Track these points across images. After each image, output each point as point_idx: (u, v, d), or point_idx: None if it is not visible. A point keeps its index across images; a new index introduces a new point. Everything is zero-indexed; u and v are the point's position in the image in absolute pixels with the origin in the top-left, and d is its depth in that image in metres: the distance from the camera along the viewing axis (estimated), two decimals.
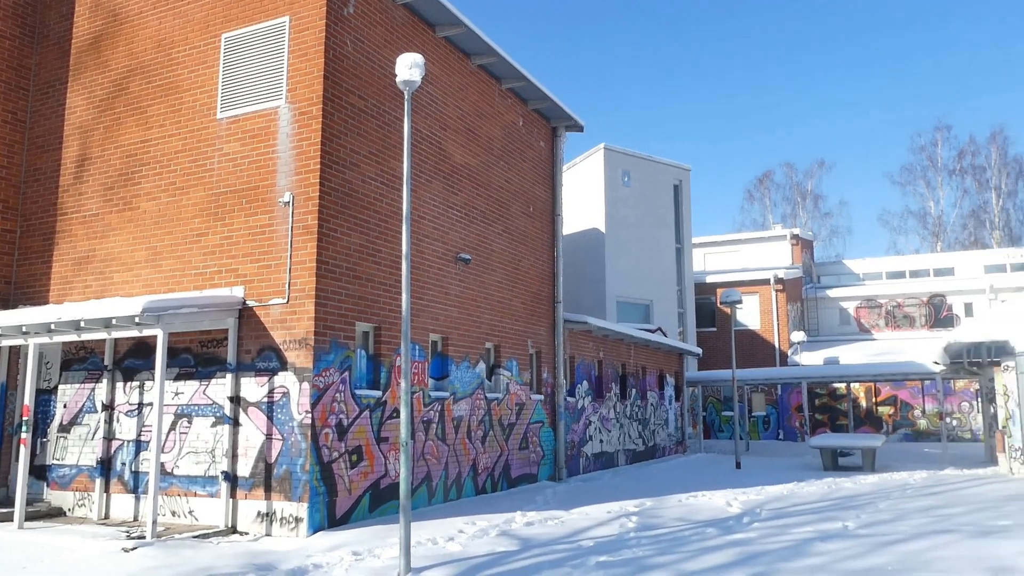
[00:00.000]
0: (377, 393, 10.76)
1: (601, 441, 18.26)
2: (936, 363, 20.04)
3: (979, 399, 23.88)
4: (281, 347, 9.83)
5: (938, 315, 32.98)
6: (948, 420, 28.42)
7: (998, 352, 17.09)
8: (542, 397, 15.58)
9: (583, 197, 25.61)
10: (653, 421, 21.68)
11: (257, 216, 10.30)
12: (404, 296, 8.09)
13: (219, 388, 10.16)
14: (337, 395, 9.97)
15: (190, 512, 10.07)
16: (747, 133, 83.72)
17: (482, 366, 13.54)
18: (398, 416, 10.96)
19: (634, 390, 20.49)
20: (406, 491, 7.62)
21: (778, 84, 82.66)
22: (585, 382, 17.77)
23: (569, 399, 16.74)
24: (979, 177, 51.78)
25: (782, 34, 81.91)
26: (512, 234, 14.95)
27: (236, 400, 10.02)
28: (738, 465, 18.39)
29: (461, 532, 9.45)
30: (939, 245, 51.20)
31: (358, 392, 10.40)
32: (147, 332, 9.51)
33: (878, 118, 78.30)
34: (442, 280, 12.52)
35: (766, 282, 31.33)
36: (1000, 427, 17.27)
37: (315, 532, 9.32)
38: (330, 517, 9.66)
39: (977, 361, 19.19)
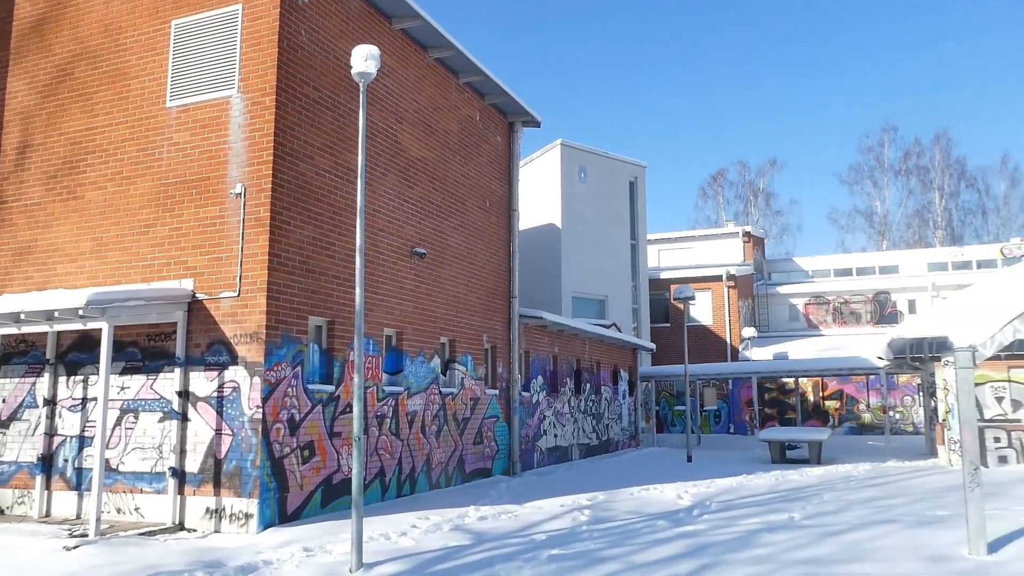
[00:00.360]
0: (330, 388, 10.66)
1: (555, 435, 18.37)
2: (880, 358, 20.61)
3: (921, 393, 24.64)
4: (232, 341, 9.67)
5: (883, 312, 33.88)
6: (891, 414, 29.25)
7: (939, 348, 17.64)
8: (497, 392, 15.61)
9: (540, 192, 25.67)
10: (607, 416, 21.89)
11: (207, 207, 10.11)
12: (358, 290, 8.02)
13: (167, 382, 9.96)
14: (289, 390, 9.85)
15: (136, 509, 9.86)
16: (701, 131, 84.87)
17: (437, 361, 13.50)
18: (351, 411, 10.88)
19: (588, 385, 20.65)
20: (358, 486, 7.57)
21: (732, 83, 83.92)
22: (540, 377, 17.85)
23: (524, 394, 16.80)
24: (923, 178, 53.38)
25: (736, 34, 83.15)
26: (468, 229, 14.93)
27: (185, 395, 9.83)
28: (689, 459, 18.68)
29: (414, 527, 9.42)
30: (885, 243, 52.62)
31: (311, 387, 10.29)
32: (91, 325, 9.27)
33: (828, 118, 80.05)
34: (397, 274, 12.45)
35: (719, 279, 31.82)
36: (940, 420, 17.84)
37: (266, 528, 9.20)
38: (281, 513, 9.55)
39: (919, 356, 19.79)
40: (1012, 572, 6.56)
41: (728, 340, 31.55)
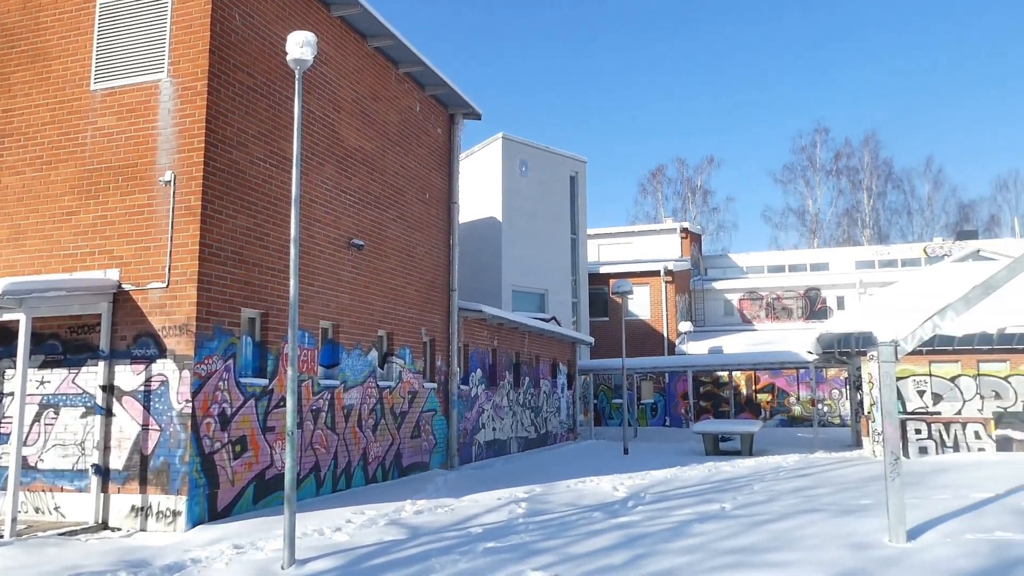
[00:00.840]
0: (263, 381, 10.43)
1: (494, 429, 18.39)
2: (810, 353, 21.22)
3: (848, 387, 25.48)
4: (160, 333, 9.37)
5: (813, 307, 34.91)
6: (820, 406, 30.20)
7: (864, 343, 18.27)
8: (435, 385, 15.53)
9: (480, 186, 25.63)
10: (545, 409, 22.01)
11: (135, 195, 9.76)
12: (292, 282, 7.85)
13: (90, 376, 9.59)
14: (220, 383, 9.60)
15: (56, 508, 9.49)
16: (641, 128, 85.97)
17: (374, 354, 13.35)
18: (285, 405, 10.66)
19: (527, 378, 20.72)
20: (291, 481, 7.43)
21: (671, 81, 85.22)
22: (479, 370, 17.83)
23: (462, 387, 16.75)
24: (853, 178, 55.17)
25: (676, 33, 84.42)
26: (407, 221, 14.79)
27: (109, 389, 9.49)
28: (626, 451, 18.93)
29: (349, 522, 9.31)
30: (816, 241, 54.21)
31: (243, 380, 10.05)
32: (8, 316, 8.87)
33: (764, 119, 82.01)
34: (334, 266, 12.25)
35: (656, 273, 32.29)
36: (865, 413, 18.49)
37: (194, 526, 8.96)
38: (211, 510, 9.31)
39: (846, 351, 20.46)
40: (929, 558, 6.83)
41: (665, 334, 32.07)
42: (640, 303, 32.21)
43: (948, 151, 76.11)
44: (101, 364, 9.52)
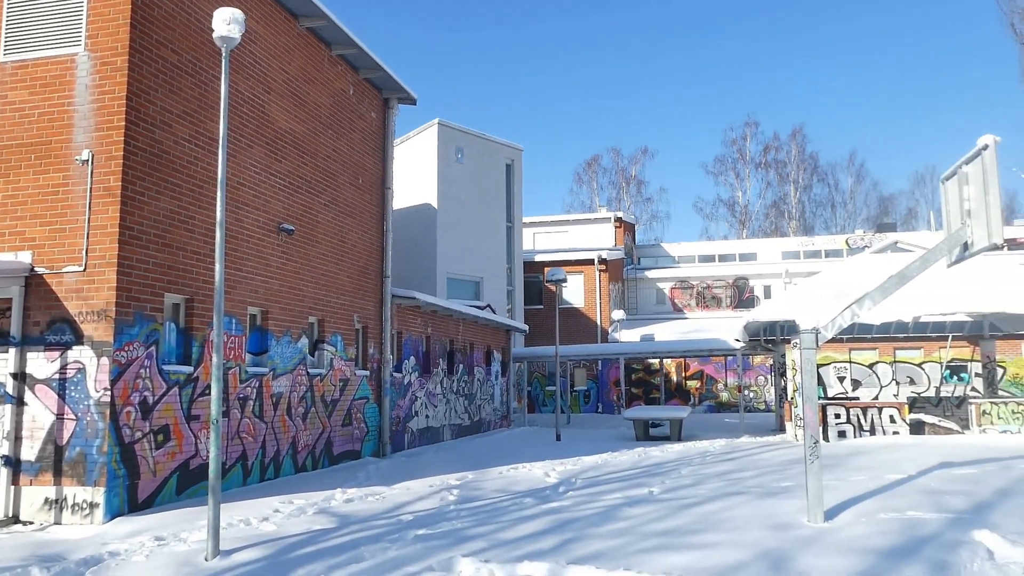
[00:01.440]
0: (188, 369, 10.13)
1: (427, 416, 18.32)
2: (737, 340, 21.82)
3: (773, 373, 26.29)
4: (76, 319, 8.99)
5: (741, 296, 35.87)
6: (746, 392, 31.09)
7: (788, 331, 18.86)
8: (368, 373, 15.36)
9: (415, 172, 25.39)
10: (479, 396, 22.04)
11: (49, 174, 9.31)
12: (218, 266, 7.62)
13: (0, 364, 9.14)
14: (142, 371, 9.28)
15: None
16: (577, 118, 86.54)
17: (305, 341, 13.12)
18: (211, 393, 10.38)
19: (461, 366, 20.70)
20: (215, 470, 7.24)
21: (608, 72, 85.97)
22: (412, 357, 17.72)
23: (395, 375, 16.62)
24: (780, 171, 56.80)
25: (614, 24, 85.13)
26: (339, 206, 14.54)
27: (21, 377, 9.06)
28: (558, 437, 19.11)
29: (277, 511, 9.14)
30: (745, 232, 55.66)
31: (166, 368, 9.73)
32: None
33: (697, 110, 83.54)
34: (263, 251, 11.96)
35: (591, 262, 32.63)
36: (789, 398, 19.10)
37: (113, 518, 8.65)
38: (131, 501, 9.01)
39: (772, 339, 21.09)
40: (844, 537, 7.10)
41: (599, 322, 32.46)
42: (574, 291, 32.51)
43: (870, 146, 79.05)
44: (12, 351, 9.07)
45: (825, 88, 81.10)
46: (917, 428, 16.91)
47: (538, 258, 32.63)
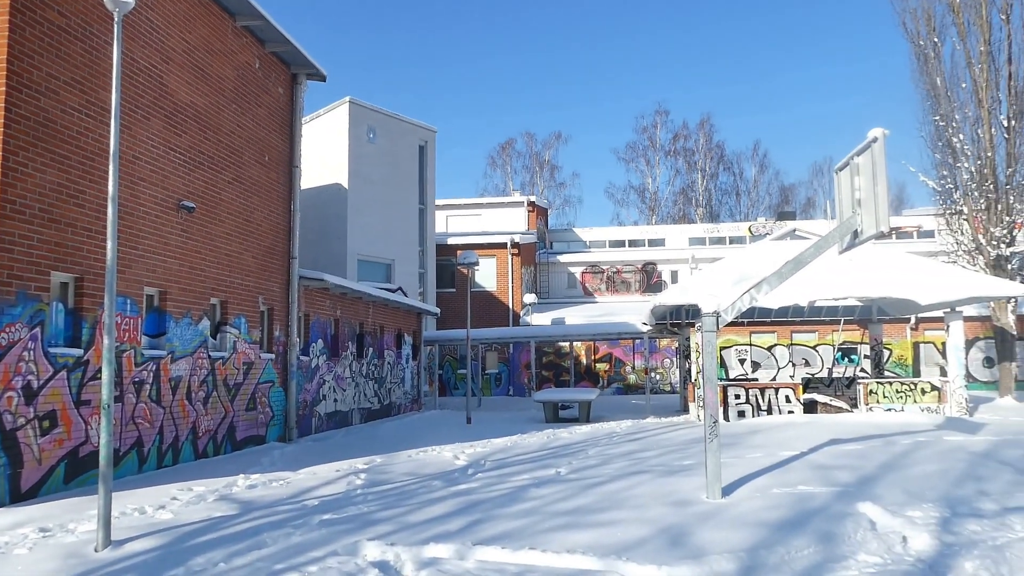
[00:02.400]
0: (77, 352, 9.60)
1: (335, 400, 18.03)
2: (644, 324, 22.35)
3: (678, 356, 27.07)
4: None
5: (650, 281, 36.72)
6: (652, 375, 31.94)
7: (693, 314, 19.43)
8: (273, 356, 14.97)
9: (325, 151, 24.80)
10: (389, 380, 21.84)
11: None
12: (110, 244, 7.22)
13: None
14: (25, 354, 8.74)
15: None
16: (492, 102, 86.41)
17: (206, 323, 12.65)
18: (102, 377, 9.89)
19: (371, 349, 20.44)
20: (107, 457, 6.90)
21: (523, 56, 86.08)
22: (320, 340, 17.37)
23: (303, 358, 16.27)
24: (689, 159, 58.31)
25: (529, 9, 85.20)
26: (244, 184, 14.05)
27: None
28: (469, 420, 19.15)
29: (175, 499, 8.81)
30: (654, 218, 56.95)
31: (53, 350, 9.20)
32: None
33: (610, 97, 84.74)
34: (161, 229, 11.44)
35: (503, 246, 32.73)
36: (692, 380, 19.71)
37: None
38: (13, 492, 8.50)
39: (677, 322, 21.71)
40: (740, 512, 7.38)
41: (510, 306, 32.64)
42: (487, 275, 32.56)
43: (773, 136, 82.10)
44: None
45: (732, 79, 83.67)
46: (810, 407, 17.74)
47: (451, 241, 32.48)
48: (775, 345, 30.56)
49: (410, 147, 27.54)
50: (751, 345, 30.69)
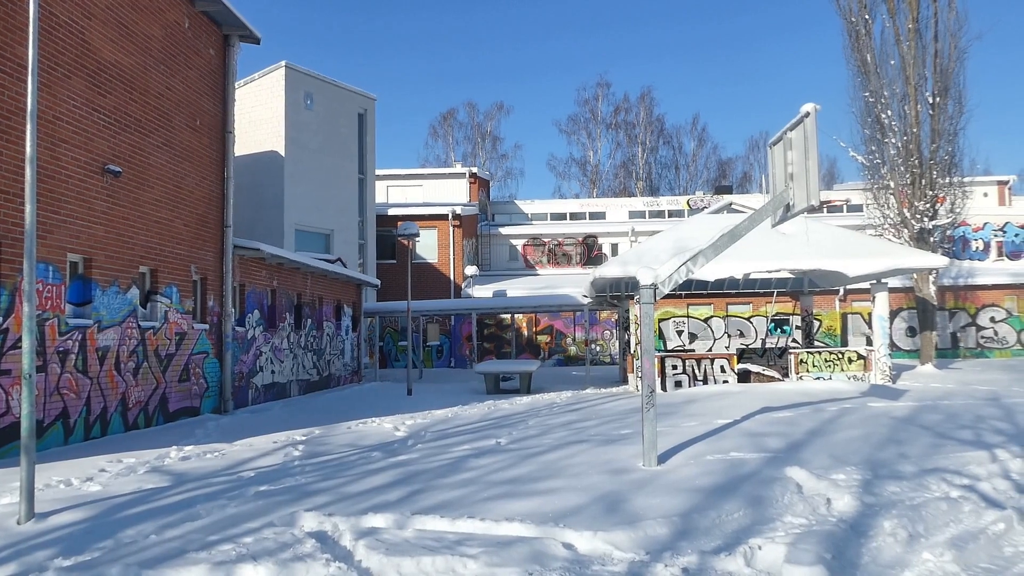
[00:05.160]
0: None
1: (273, 372, 17.74)
2: (585, 296, 22.55)
3: (617, 327, 27.48)
4: None
5: (591, 254, 37.00)
6: (593, 346, 32.33)
7: (632, 287, 19.67)
8: (207, 326, 14.61)
9: (261, 117, 24.12)
10: (329, 351, 21.58)
11: None
12: (28, 207, 6.88)
13: None
14: None
15: None
16: (433, 71, 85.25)
17: (135, 292, 12.25)
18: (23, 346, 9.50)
19: (310, 320, 20.13)
20: (29, 428, 6.63)
21: (464, 24, 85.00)
22: (257, 311, 17.02)
23: (238, 329, 15.92)
24: (630, 132, 58.70)
25: None
26: (174, 148, 13.56)
27: None
28: (410, 392, 19.09)
29: (103, 471, 8.57)
30: (595, 191, 57.30)
31: None
32: None
33: (551, 68, 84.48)
34: (85, 193, 10.97)
35: (445, 217, 32.52)
36: (631, 351, 20.02)
37: None
38: None
39: (617, 295, 21.97)
40: (674, 479, 7.55)
41: (452, 277, 32.53)
42: (428, 246, 32.34)
43: (711, 110, 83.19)
44: None
45: (672, 52, 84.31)
46: (744, 377, 18.24)
47: (392, 212, 32.11)
48: (712, 317, 31.24)
49: (349, 115, 26.99)
50: (688, 317, 31.30)
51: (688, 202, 40.93)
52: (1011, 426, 10.34)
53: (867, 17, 22.70)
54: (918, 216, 22.08)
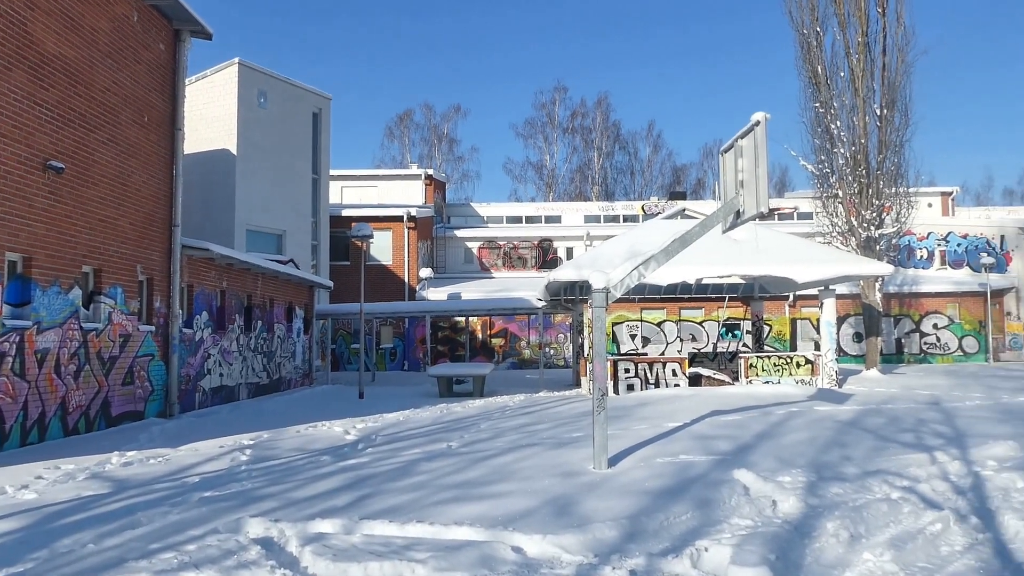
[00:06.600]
0: None
1: (221, 375, 17.39)
2: (539, 299, 22.62)
3: (571, 331, 27.58)
4: None
5: (546, 257, 37.13)
6: (547, 350, 32.43)
7: (585, 290, 19.78)
8: (153, 328, 14.25)
9: (213, 114, 23.67)
10: (280, 354, 21.24)
11: None
12: None
13: None
14: None
15: None
16: (390, 72, 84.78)
17: (78, 292, 11.88)
18: None
19: (260, 322, 19.80)
20: None
21: (420, 28, 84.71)
22: (205, 312, 16.67)
23: (185, 330, 15.57)
24: (586, 137, 59.14)
25: None
26: (120, 145, 13.21)
27: None
28: (361, 395, 18.90)
29: (40, 478, 8.29)
30: (551, 195, 57.57)
31: None
32: None
33: (509, 72, 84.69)
34: (25, 190, 10.61)
35: (400, 219, 32.31)
36: (584, 355, 20.12)
37: None
38: None
39: (571, 298, 22.09)
40: (624, 481, 7.60)
41: (406, 280, 32.33)
42: (382, 248, 32.09)
43: (667, 117, 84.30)
44: None
45: (628, 57, 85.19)
46: (695, 380, 18.47)
47: (345, 213, 31.77)
48: (664, 321, 31.60)
49: (303, 114, 26.66)
50: (642, 321, 31.61)
51: (643, 207, 41.36)
52: (950, 429, 10.66)
53: (819, 30, 23.24)
54: (865, 225, 22.66)
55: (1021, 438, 9.74)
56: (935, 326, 31.10)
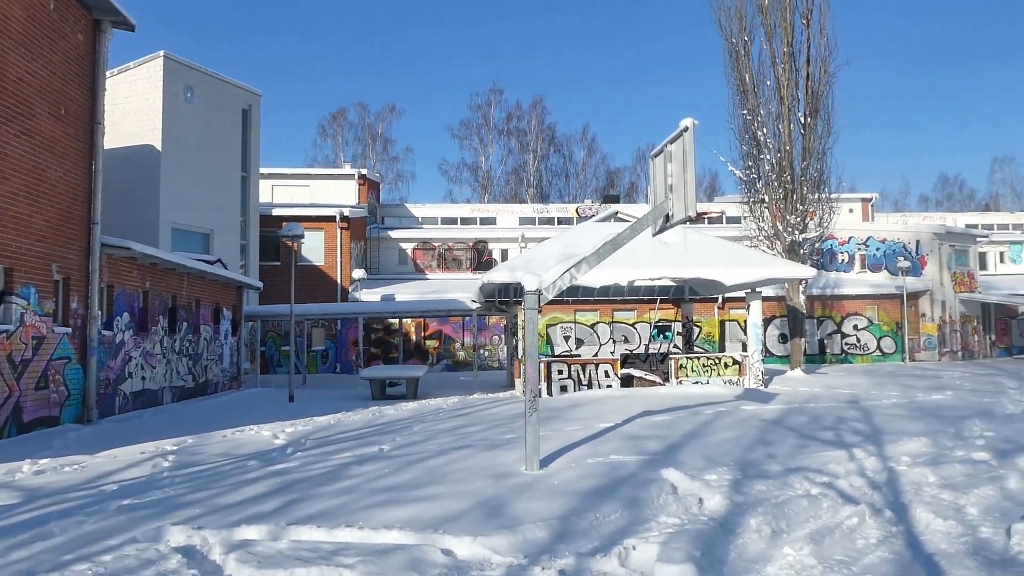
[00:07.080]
0: None
1: (143, 378, 16.80)
2: (474, 301, 22.60)
3: (506, 333, 27.63)
4: None
5: (481, 259, 37.12)
6: (481, 351, 32.41)
7: (520, 292, 19.84)
8: (70, 330, 13.67)
9: (136, 108, 22.88)
10: (206, 356, 20.65)
11: None
12: None
13: None
14: None
15: None
16: (323, 69, 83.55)
17: None
18: None
19: (185, 324, 19.20)
20: None
21: (353, 25, 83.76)
22: (126, 314, 16.08)
23: (105, 332, 14.98)
24: (521, 139, 59.41)
25: None
26: (35, 138, 12.64)
27: None
28: (291, 398, 18.53)
29: None
30: (486, 197, 57.62)
31: None
32: None
33: (444, 72, 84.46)
34: None
35: (332, 219, 31.83)
36: (519, 357, 20.18)
37: None
38: None
39: (505, 300, 22.13)
40: (556, 482, 7.64)
41: (339, 281, 31.87)
42: (314, 249, 31.56)
43: (601, 121, 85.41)
44: None
45: (563, 61, 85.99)
46: (627, 381, 18.73)
47: (276, 212, 31.12)
48: (598, 323, 31.95)
49: (232, 110, 25.99)
50: (576, 323, 31.89)
51: (577, 210, 41.75)
52: (868, 427, 11.08)
53: (746, 39, 23.89)
54: (790, 229, 23.38)
55: (934, 435, 10.20)
56: (855, 327, 32.29)
